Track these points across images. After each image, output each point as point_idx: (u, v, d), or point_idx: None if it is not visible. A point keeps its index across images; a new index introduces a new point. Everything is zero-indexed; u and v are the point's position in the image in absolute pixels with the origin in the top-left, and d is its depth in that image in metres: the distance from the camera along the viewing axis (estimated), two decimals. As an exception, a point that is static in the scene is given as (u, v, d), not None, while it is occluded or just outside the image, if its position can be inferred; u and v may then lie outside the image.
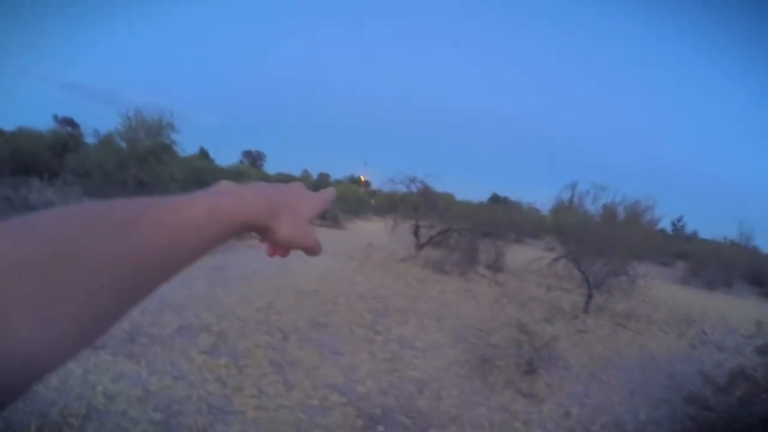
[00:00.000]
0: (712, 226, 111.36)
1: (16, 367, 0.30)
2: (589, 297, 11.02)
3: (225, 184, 0.53)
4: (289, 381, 5.28)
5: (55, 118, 54.67)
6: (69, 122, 51.86)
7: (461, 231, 15.45)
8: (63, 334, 0.32)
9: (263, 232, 0.54)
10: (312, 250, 0.60)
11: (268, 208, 0.52)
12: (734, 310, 14.85)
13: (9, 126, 28.55)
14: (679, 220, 54.17)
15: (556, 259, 12.90)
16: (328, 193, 0.69)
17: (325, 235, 18.54)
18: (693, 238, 50.19)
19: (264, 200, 0.52)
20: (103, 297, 0.35)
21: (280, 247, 0.58)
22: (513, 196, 65.79)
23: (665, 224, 48.88)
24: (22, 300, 0.30)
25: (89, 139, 20.75)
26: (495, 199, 62.67)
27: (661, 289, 15.52)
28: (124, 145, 16.89)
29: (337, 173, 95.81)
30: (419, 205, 17.14)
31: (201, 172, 21.04)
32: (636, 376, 7.35)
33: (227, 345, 6.03)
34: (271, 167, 73.12)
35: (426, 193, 17.61)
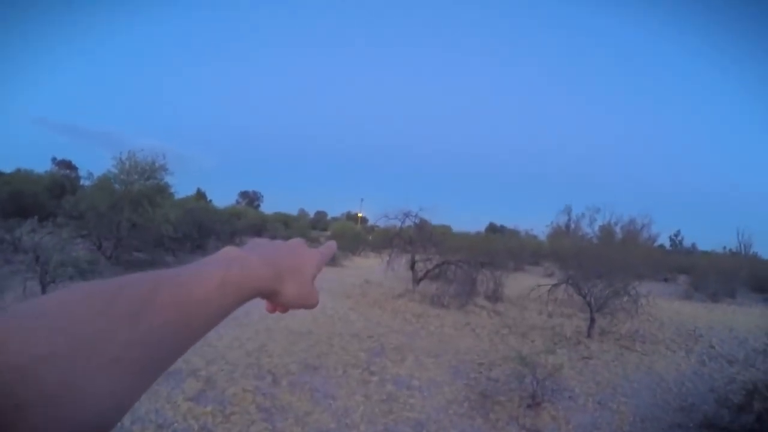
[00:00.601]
0: (711, 237, 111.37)
1: None
2: (592, 321, 10.78)
3: (230, 251, 0.52)
4: (278, 428, 5.04)
5: (54, 160, 54.88)
6: (67, 165, 52.38)
7: (458, 263, 15.25)
8: (86, 421, 0.31)
9: (269, 296, 0.54)
10: (312, 307, 0.61)
11: (273, 275, 0.52)
12: (740, 320, 14.64)
13: (8, 168, 28.72)
14: (677, 234, 54.12)
15: (555, 286, 12.65)
16: (328, 249, 0.70)
17: (321, 273, 18.27)
18: (692, 251, 50.32)
19: (270, 266, 0.52)
20: (124, 380, 0.34)
21: (281, 307, 0.59)
22: (510, 224, 65.81)
23: (663, 240, 48.98)
24: (41, 395, 0.29)
25: (86, 182, 20.94)
26: (492, 228, 62.69)
27: (665, 307, 15.31)
28: (118, 187, 16.81)
29: (334, 211, 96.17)
30: (415, 239, 16.97)
31: (196, 213, 21.01)
32: (646, 400, 7.07)
33: (215, 390, 5.82)
34: (268, 207, 73.02)
35: (421, 226, 17.46)
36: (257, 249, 0.56)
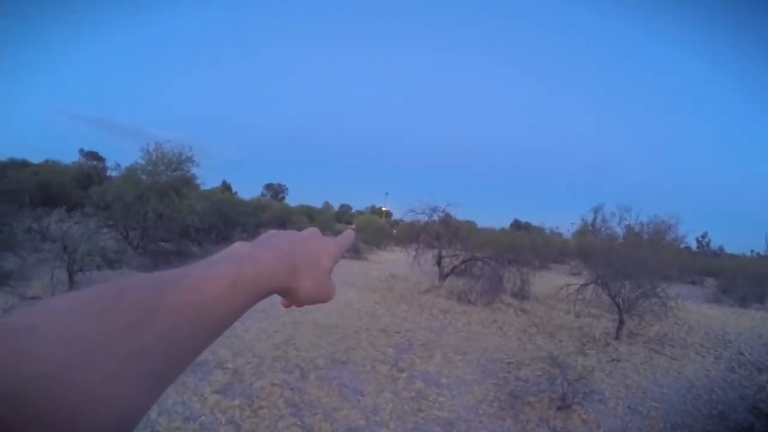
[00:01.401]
0: (738, 240, 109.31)
1: None
2: (621, 323, 10.60)
3: (241, 247, 0.49)
4: (307, 424, 5.02)
5: (81, 151, 55.80)
6: (94, 156, 53.21)
7: (485, 259, 15.14)
8: None
9: (284, 293, 0.52)
10: (327, 300, 0.57)
11: (288, 270, 0.50)
12: (770, 327, 14.29)
13: (37, 158, 29.24)
14: (704, 236, 53.08)
15: (585, 285, 12.48)
16: (345, 239, 0.66)
17: (346, 266, 18.40)
18: (719, 254, 49.20)
19: (284, 262, 0.50)
20: (130, 393, 0.32)
21: (297, 303, 0.56)
22: (535, 221, 65.03)
23: (690, 241, 48.07)
24: (35, 417, 0.26)
25: (112, 173, 21.21)
26: (517, 225, 62.04)
27: (693, 310, 15.02)
28: (144, 178, 16.98)
29: (358, 204, 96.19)
30: (441, 234, 16.89)
31: (221, 205, 21.24)
32: (676, 406, 6.93)
33: (242, 384, 5.83)
34: (293, 199, 73.15)
35: (448, 221, 17.37)
36: (270, 242, 0.54)
